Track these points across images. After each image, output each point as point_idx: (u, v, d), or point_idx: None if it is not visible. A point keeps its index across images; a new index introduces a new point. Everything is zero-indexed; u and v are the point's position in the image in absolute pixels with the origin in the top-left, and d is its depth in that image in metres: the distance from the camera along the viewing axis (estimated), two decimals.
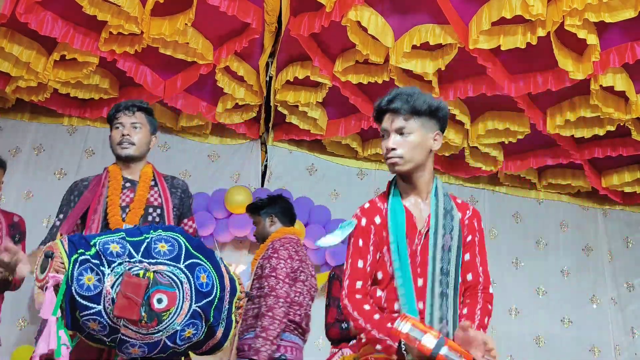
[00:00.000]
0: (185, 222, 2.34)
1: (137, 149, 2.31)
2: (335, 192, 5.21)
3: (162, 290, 1.68)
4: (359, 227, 1.83)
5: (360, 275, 1.78)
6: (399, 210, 1.80)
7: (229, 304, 1.83)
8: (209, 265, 1.81)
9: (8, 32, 3.92)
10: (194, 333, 1.76)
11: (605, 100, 3.90)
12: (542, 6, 3.17)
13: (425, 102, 1.78)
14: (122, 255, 1.73)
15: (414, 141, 1.77)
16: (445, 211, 1.80)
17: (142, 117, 2.36)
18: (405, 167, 1.78)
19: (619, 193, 5.22)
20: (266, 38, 4.03)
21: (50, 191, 4.69)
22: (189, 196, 2.37)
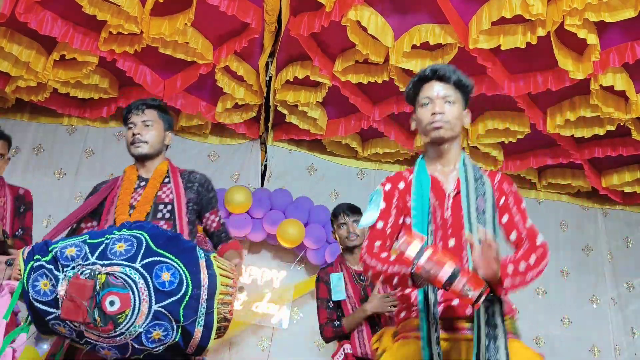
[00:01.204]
0: (206, 217, 2.31)
1: (150, 146, 2.28)
2: (335, 192, 5.20)
3: (114, 292, 1.63)
4: (383, 192, 1.88)
5: (379, 236, 1.82)
6: (424, 177, 1.84)
7: (208, 301, 1.72)
8: (177, 262, 1.73)
9: (8, 32, 3.92)
10: (164, 334, 1.68)
11: (605, 100, 3.89)
12: (542, 6, 3.17)
13: (467, 79, 1.86)
14: (76, 259, 1.69)
15: (457, 111, 1.84)
16: (475, 177, 1.82)
17: (152, 114, 2.32)
18: (447, 133, 1.82)
19: (619, 193, 5.21)
20: (266, 38, 4.02)
21: (50, 191, 4.70)
22: (209, 189, 2.32)
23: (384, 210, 1.85)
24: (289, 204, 4.72)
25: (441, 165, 1.87)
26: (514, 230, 1.78)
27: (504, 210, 1.82)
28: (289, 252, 4.80)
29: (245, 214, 4.60)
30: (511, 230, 1.79)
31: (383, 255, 1.74)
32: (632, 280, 5.32)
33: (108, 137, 5.02)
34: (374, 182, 5.30)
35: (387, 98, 4.39)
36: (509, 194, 1.85)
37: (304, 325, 4.82)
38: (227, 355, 4.60)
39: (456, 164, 1.86)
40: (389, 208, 1.84)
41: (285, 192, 4.81)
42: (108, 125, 5.02)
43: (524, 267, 1.65)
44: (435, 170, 1.87)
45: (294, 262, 4.82)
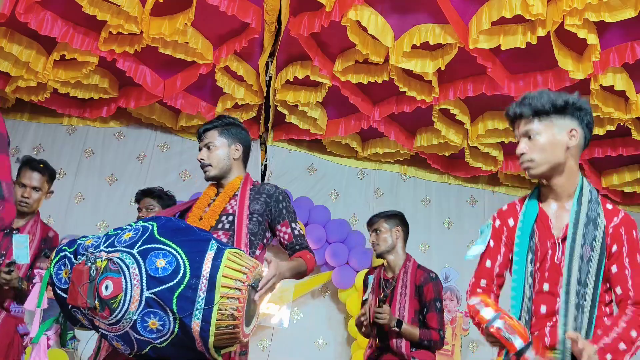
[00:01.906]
0: (278, 229, 2.24)
1: (214, 168, 2.28)
2: (335, 192, 5.20)
3: (109, 277, 1.65)
4: (493, 228, 1.86)
5: (485, 274, 1.82)
6: (531, 213, 1.78)
7: (207, 293, 1.63)
8: (176, 250, 1.68)
9: (8, 32, 3.92)
10: (161, 324, 1.64)
11: (605, 100, 3.89)
12: (542, 6, 3.17)
13: (548, 101, 1.73)
14: (90, 248, 1.74)
15: (543, 142, 1.73)
16: (587, 219, 1.71)
17: (212, 136, 2.32)
18: (539, 169, 1.74)
19: (619, 193, 5.21)
20: (266, 38, 4.02)
21: None
22: (279, 200, 2.24)
23: (492, 249, 1.83)
24: None
25: (554, 201, 1.78)
26: (621, 285, 1.69)
27: (614, 260, 1.70)
28: None
29: None
30: (618, 284, 1.69)
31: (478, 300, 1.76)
32: None
33: (108, 137, 5.02)
34: (373, 182, 5.31)
35: (387, 98, 4.39)
36: (623, 242, 1.70)
37: (304, 325, 4.82)
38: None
39: (571, 197, 1.75)
40: (497, 246, 1.83)
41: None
42: (108, 125, 5.02)
43: (623, 348, 1.60)
44: (547, 204, 1.80)
45: None
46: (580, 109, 1.75)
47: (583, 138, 1.78)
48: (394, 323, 2.79)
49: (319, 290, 4.97)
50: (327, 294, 4.99)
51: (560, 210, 1.76)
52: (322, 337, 4.85)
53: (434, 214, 5.32)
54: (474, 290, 1.82)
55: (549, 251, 1.73)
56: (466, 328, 4.73)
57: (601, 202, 1.75)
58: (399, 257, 3.03)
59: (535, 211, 1.78)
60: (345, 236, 4.74)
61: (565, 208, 1.75)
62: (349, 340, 4.82)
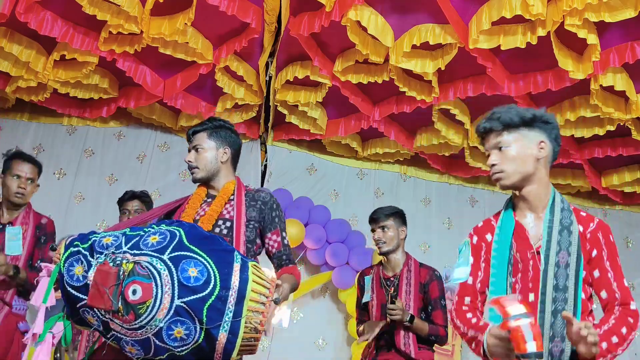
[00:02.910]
0: (268, 237, 2.24)
1: (201, 171, 2.30)
2: (335, 192, 5.20)
3: (137, 281, 1.61)
4: (471, 244, 1.87)
5: (469, 292, 1.83)
6: (507, 226, 1.81)
7: (236, 306, 1.65)
8: (207, 260, 1.68)
9: (8, 32, 3.91)
10: (186, 333, 1.62)
11: (605, 100, 3.89)
12: (542, 6, 3.17)
13: (517, 114, 1.80)
14: (110, 247, 1.70)
15: (513, 153, 1.78)
16: (561, 226, 1.75)
17: (201, 138, 2.33)
18: (509, 180, 1.78)
19: (619, 193, 5.21)
20: (266, 38, 4.02)
21: (50, 191, 4.69)
22: (273, 209, 2.27)
23: (472, 265, 1.84)
24: (289, 204, 4.72)
25: (529, 212, 1.82)
26: (605, 289, 1.72)
27: (595, 264, 1.74)
28: None
29: None
30: (602, 288, 1.73)
31: (468, 316, 1.76)
32: (632, 280, 5.31)
33: (108, 137, 5.02)
34: (373, 182, 5.30)
35: (387, 98, 4.39)
36: (602, 246, 1.76)
37: (304, 325, 4.82)
38: None
39: (545, 208, 1.80)
40: (477, 262, 1.83)
41: (285, 192, 4.81)
42: (108, 125, 5.02)
43: (616, 341, 1.63)
44: (523, 215, 1.82)
45: None
46: (547, 122, 1.83)
47: (551, 150, 1.84)
48: (408, 317, 2.81)
49: (319, 290, 4.96)
50: (327, 294, 4.99)
51: (536, 221, 1.80)
52: (322, 337, 4.85)
53: (434, 214, 5.32)
54: (459, 309, 1.81)
55: (530, 262, 1.74)
56: None
57: (573, 210, 1.81)
58: (401, 256, 3.04)
59: (511, 223, 1.81)
60: (345, 236, 4.74)
61: (540, 218, 1.79)
62: (349, 340, 4.82)
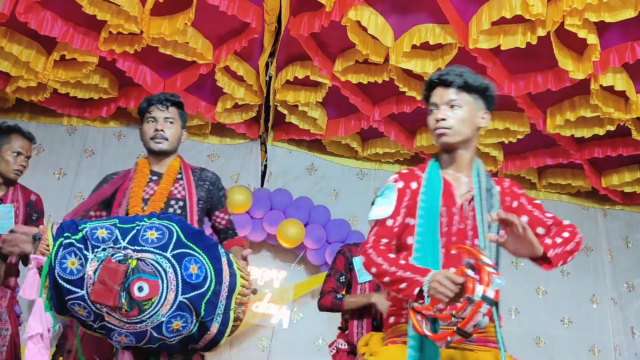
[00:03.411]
0: (216, 215, 2.37)
1: (170, 144, 2.30)
2: (335, 192, 5.20)
3: (143, 279, 1.64)
4: (396, 188, 1.83)
5: (387, 233, 1.79)
6: (436, 179, 1.82)
7: (227, 299, 1.75)
8: (203, 256, 1.75)
9: (8, 32, 3.92)
10: (183, 325, 1.70)
11: (605, 100, 3.89)
12: (542, 6, 3.17)
13: (477, 79, 1.82)
14: (107, 241, 1.70)
15: (463, 115, 1.80)
16: (486, 189, 1.81)
17: (175, 112, 2.34)
18: (452, 138, 1.80)
19: (619, 193, 5.21)
20: (266, 38, 4.02)
21: (50, 191, 4.68)
22: (220, 188, 2.37)
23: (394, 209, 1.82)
24: (289, 204, 4.72)
25: (453, 171, 1.85)
26: (539, 225, 1.79)
27: (521, 211, 1.81)
28: (289, 252, 4.80)
29: (245, 214, 4.60)
30: (536, 226, 1.78)
31: (391, 256, 1.72)
32: (632, 280, 5.32)
33: (108, 137, 5.02)
34: (374, 182, 5.30)
35: (387, 98, 4.39)
36: (520, 195, 1.86)
37: (304, 325, 4.82)
38: (227, 355, 4.60)
39: (470, 170, 1.84)
40: (398, 207, 1.80)
41: (285, 192, 4.81)
42: (108, 125, 5.02)
43: (560, 240, 1.68)
44: (447, 174, 1.85)
45: (294, 262, 4.82)
46: (493, 95, 1.87)
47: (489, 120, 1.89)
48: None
49: (319, 290, 4.96)
50: None
51: (461, 180, 1.83)
52: (322, 337, 4.85)
53: None
54: (376, 247, 1.75)
55: (454, 216, 1.77)
56: None
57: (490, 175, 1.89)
58: None
59: (439, 179, 1.82)
60: (345, 236, 4.73)
61: (463, 179, 1.83)
62: None
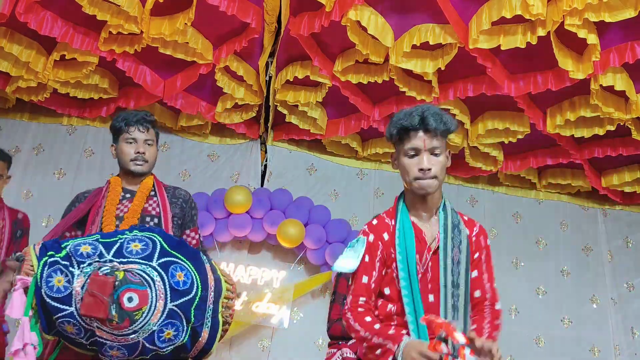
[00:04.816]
0: (187, 234, 2.32)
1: (149, 165, 2.32)
2: (335, 192, 5.20)
3: (132, 289, 1.65)
4: (367, 242, 1.81)
5: (363, 291, 1.77)
6: (408, 228, 1.78)
7: (214, 304, 1.78)
8: (188, 264, 1.77)
9: (7, 32, 3.91)
10: (174, 334, 1.70)
11: (605, 100, 3.89)
12: (542, 6, 3.17)
13: (453, 123, 1.78)
14: (92, 256, 1.72)
15: (443, 161, 1.78)
16: (453, 225, 1.79)
17: (153, 134, 2.36)
18: (435, 189, 1.76)
19: (619, 193, 5.21)
20: (266, 38, 4.02)
21: (50, 191, 4.70)
22: (192, 207, 2.35)
23: (367, 264, 1.78)
24: (289, 204, 4.72)
25: (422, 211, 1.82)
26: (479, 289, 1.81)
27: (475, 266, 1.82)
28: (289, 252, 4.80)
29: (245, 214, 4.60)
30: (477, 287, 1.81)
31: (367, 320, 1.71)
32: (632, 280, 5.32)
33: (108, 137, 4.98)
34: (373, 182, 5.30)
35: (387, 98, 4.39)
36: (483, 249, 1.86)
37: (304, 325, 4.82)
38: (227, 355, 4.60)
39: (438, 209, 1.83)
40: (372, 261, 1.78)
41: (285, 192, 4.81)
42: (108, 125, 4.99)
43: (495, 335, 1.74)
44: (417, 215, 1.82)
45: (294, 262, 4.82)
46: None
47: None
48: None
49: (319, 290, 4.96)
50: (327, 294, 4.98)
51: (430, 221, 1.81)
52: (322, 337, 4.84)
53: None
54: (354, 308, 1.75)
55: (429, 263, 1.75)
56: None
57: (458, 213, 1.87)
58: None
59: (410, 226, 1.79)
60: (345, 236, 4.73)
61: (433, 219, 1.81)
62: None
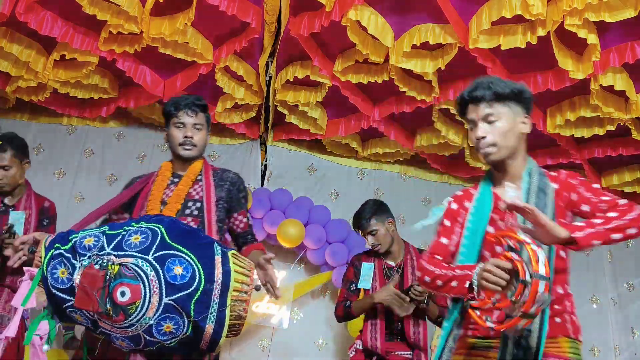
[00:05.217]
0: (234, 217, 2.29)
1: (198, 150, 2.29)
2: (335, 192, 5.21)
3: (125, 283, 1.64)
4: (448, 209, 1.87)
5: (440, 251, 1.81)
6: (486, 197, 1.80)
7: (220, 297, 1.72)
8: (190, 256, 1.73)
9: (8, 32, 3.92)
10: (175, 328, 1.69)
11: (605, 100, 3.89)
12: (542, 6, 3.17)
13: (507, 86, 1.77)
14: (93, 249, 1.72)
15: (504, 127, 1.77)
16: (538, 189, 1.76)
17: (202, 117, 2.33)
18: (498, 155, 1.77)
19: (619, 193, 5.21)
20: (266, 38, 4.02)
21: (50, 191, 4.66)
22: (240, 190, 2.30)
23: (447, 228, 1.84)
24: (289, 204, 4.72)
25: (502, 179, 1.83)
26: (597, 211, 1.68)
27: (581, 202, 1.73)
28: (289, 252, 4.80)
29: None
30: (595, 212, 1.70)
31: (444, 264, 1.76)
32: (632, 280, 5.32)
33: (108, 137, 5.02)
34: (373, 181, 5.31)
35: (387, 98, 4.39)
36: (576, 185, 1.77)
37: (304, 325, 4.82)
38: (227, 355, 4.60)
39: (522, 175, 1.81)
40: (453, 226, 1.83)
41: (285, 192, 4.81)
42: (108, 125, 5.02)
43: (600, 221, 1.56)
44: (498, 184, 1.83)
45: (294, 262, 4.82)
46: (529, 97, 1.82)
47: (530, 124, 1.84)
48: (425, 300, 2.86)
49: (319, 290, 4.96)
50: (327, 294, 4.98)
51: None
52: (322, 337, 4.85)
53: None
54: (430, 260, 1.80)
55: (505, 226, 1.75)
56: None
57: (545, 174, 1.83)
58: (400, 245, 3.12)
59: (490, 197, 1.80)
60: (345, 236, 4.73)
61: (517, 185, 1.80)
62: (349, 341, 4.82)
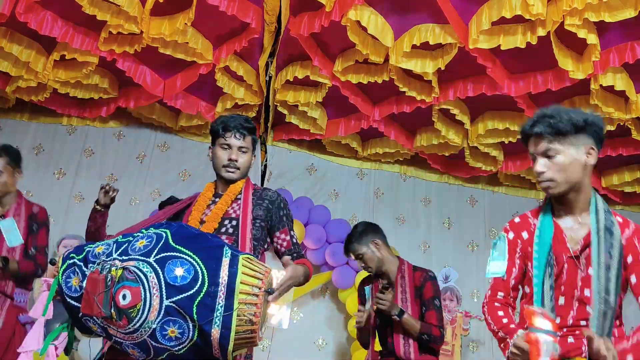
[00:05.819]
0: (277, 236, 2.22)
1: (241, 172, 2.25)
2: (335, 192, 5.21)
3: (126, 286, 1.64)
4: (507, 240, 1.85)
5: (501, 287, 1.83)
6: (548, 227, 1.77)
7: (226, 300, 1.65)
8: (194, 258, 1.69)
9: (8, 32, 3.92)
10: (180, 332, 1.64)
11: (605, 100, 3.89)
12: (542, 6, 3.17)
13: (569, 121, 1.71)
14: (102, 255, 1.72)
15: (563, 162, 1.72)
16: (605, 228, 1.73)
17: (249, 141, 2.27)
18: (559, 189, 1.74)
19: (619, 193, 5.21)
20: (266, 38, 4.02)
21: (50, 191, 4.70)
22: (280, 207, 2.24)
23: (507, 262, 1.83)
24: (289, 204, 4.71)
25: (566, 214, 1.80)
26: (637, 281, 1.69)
27: (632, 269, 1.71)
28: None
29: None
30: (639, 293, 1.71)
31: (499, 314, 1.78)
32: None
33: (108, 137, 5.02)
34: (373, 181, 5.31)
35: (387, 98, 4.39)
36: (638, 252, 1.72)
37: (304, 325, 4.82)
38: None
39: (584, 210, 1.78)
40: (512, 259, 1.82)
41: (285, 192, 4.81)
42: (108, 125, 5.02)
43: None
44: (561, 219, 1.80)
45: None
46: (597, 127, 1.75)
47: (597, 154, 1.77)
48: (396, 311, 2.73)
49: (319, 290, 4.96)
50: (327, 294, 4.99)
51: (575, 224, 1.77)
52: (322, 337, 4.85)
53: (434, 214, 5.31)
54: (491, 304, 1.82)
55: (564, 265, 1.74)
56: (466, 328, 4.72)
57: (612, 213, 1.79)
58: (392, 263, 2.97)
59: (551, 226, 1.78)
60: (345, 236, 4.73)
61: (579, 221, 1.77)
62: (349, 340, 4.82)
